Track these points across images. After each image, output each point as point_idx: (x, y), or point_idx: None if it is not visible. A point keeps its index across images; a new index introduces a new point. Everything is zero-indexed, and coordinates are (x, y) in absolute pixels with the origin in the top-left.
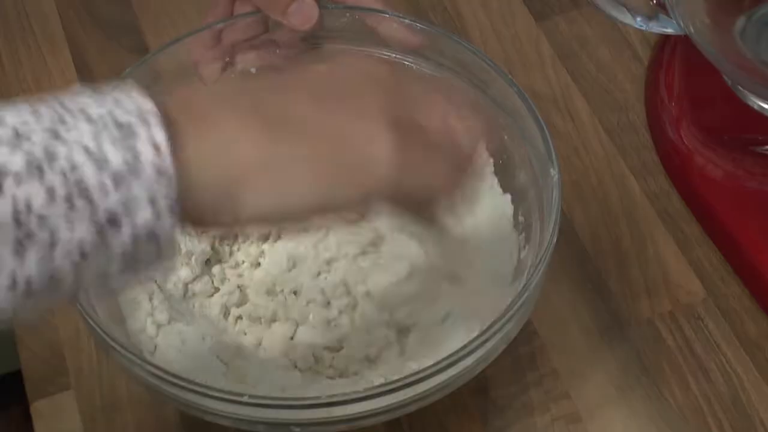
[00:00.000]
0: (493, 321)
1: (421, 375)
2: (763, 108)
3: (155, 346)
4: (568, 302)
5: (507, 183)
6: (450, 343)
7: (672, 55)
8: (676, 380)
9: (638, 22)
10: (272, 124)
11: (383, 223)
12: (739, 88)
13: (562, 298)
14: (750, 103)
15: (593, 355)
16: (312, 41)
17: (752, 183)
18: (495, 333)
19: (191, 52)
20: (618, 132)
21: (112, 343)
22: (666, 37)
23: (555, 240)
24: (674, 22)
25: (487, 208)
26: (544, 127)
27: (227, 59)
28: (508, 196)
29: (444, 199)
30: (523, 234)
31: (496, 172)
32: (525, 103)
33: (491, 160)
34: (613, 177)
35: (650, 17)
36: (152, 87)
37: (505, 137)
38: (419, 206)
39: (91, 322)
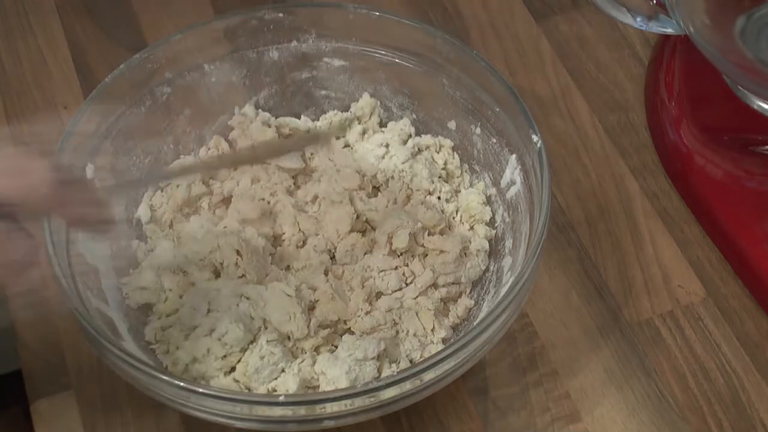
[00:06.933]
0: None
1: (396, 378)
2: (763, 108)
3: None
4: (568, 302)
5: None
6: None
7: (672, 55)
8: (676, 380)
9: (638, 22)
10: None
11: None
12: (739, 88)
13: (561, 297)
14: (750, 103)
15: (593, 355)
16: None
17: (752, 183)
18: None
19: None
20: (618, 132)
21: (107, 344)
22: (666, 37)
23: (549, 207)
24: (674, 22)
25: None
26: (516, 94)
27: None
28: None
29: None
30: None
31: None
32: (494, 74)
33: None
34: (613, 177)
35: (650, 17)
36: (149, 81)
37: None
38: None
39: (85, 323)
